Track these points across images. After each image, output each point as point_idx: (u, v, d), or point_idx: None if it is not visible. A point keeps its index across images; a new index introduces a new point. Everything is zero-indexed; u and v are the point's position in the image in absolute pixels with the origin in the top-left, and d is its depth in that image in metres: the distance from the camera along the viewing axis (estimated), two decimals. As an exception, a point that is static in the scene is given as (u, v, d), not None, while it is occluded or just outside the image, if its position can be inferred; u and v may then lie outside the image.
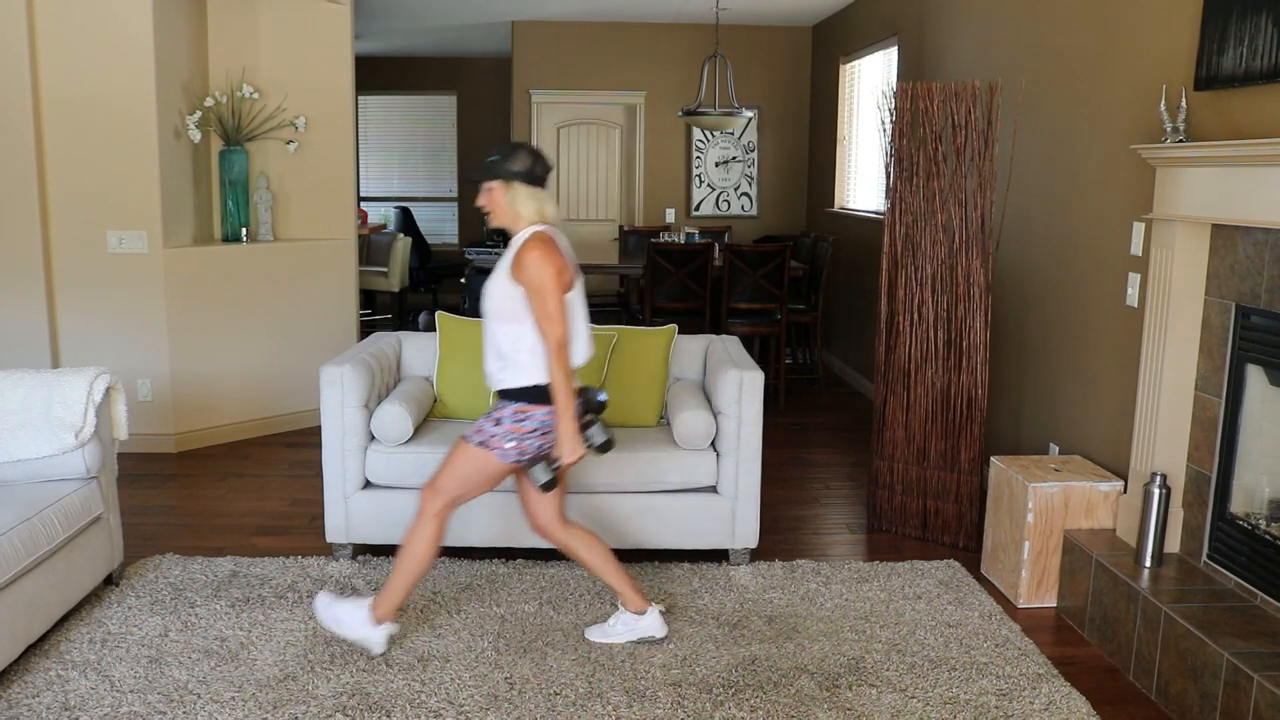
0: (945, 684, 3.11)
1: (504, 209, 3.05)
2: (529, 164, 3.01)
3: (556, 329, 2.94)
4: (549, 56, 8.83)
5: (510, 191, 3.02)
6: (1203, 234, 3.31)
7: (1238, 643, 2.83)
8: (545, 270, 2.92)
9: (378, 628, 3.18)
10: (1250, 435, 3.20)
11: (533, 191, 3.03)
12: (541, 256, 2.93)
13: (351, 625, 3.18)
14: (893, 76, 6.64)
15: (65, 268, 5.23)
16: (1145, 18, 3.67)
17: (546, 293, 2.92)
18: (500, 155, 3.02)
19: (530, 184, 3.02)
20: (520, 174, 3.00)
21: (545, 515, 3.27)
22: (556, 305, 2.94)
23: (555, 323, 2.94)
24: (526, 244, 2.97)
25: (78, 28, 5.06)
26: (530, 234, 3.00)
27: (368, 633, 3.18)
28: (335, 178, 6.11)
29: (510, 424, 3.04)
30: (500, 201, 3.04)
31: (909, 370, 4.36)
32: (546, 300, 2.93)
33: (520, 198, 3.02)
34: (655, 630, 3.32)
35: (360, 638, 3.18)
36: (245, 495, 4.82)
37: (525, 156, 3.02)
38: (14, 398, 3.42)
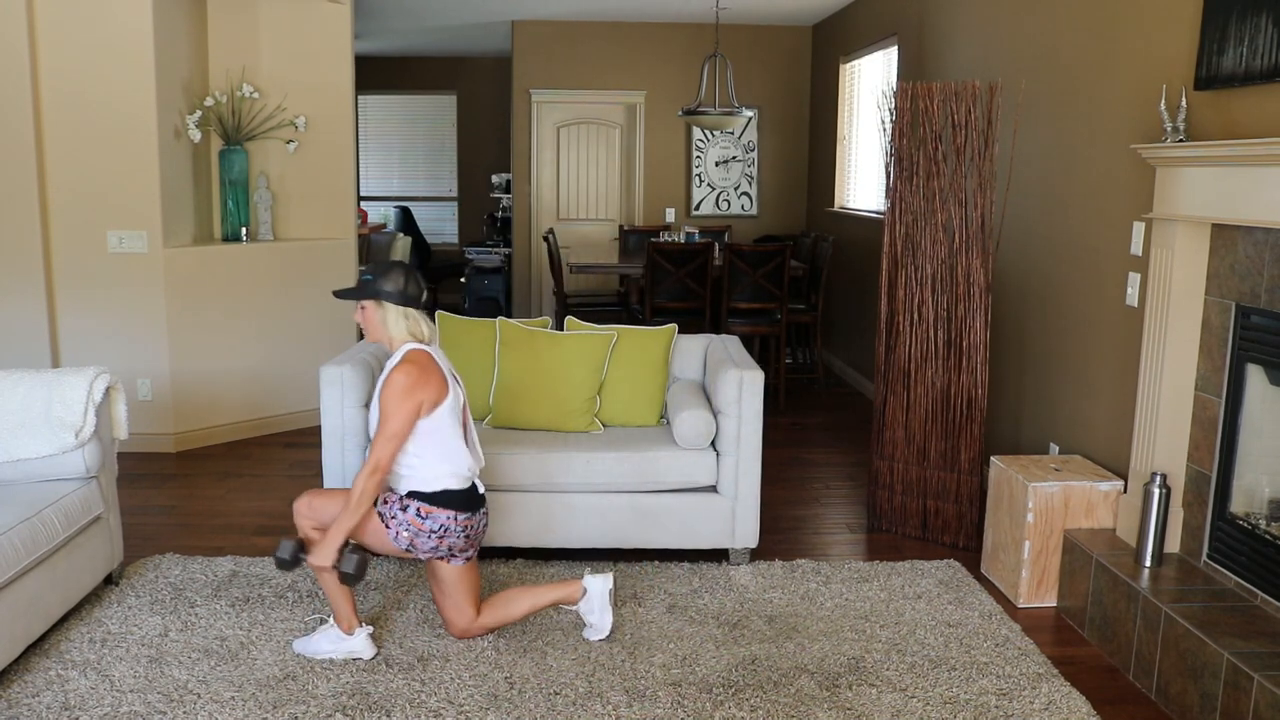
0: (945, 684, 3.11)
1: (377, 326, 3.13)
2: (401, 284, 3.08)
3: (382, 451, 3.01)
4: (549, 56, 8.83)
5: (381, 310, 3.10)
6: (1203, 234, 3.31)
7: (1238, 643, 2.83)
8: (400, 396, 2.99)
9: (352, 637, 3.20)
10: (1250, 435, 3.20)
11: (405, 311, 3.10)
12: (403, 381, 3.00)
13: (331, 648, 3.20)
14: (893, 76, 6.64)
15: (65, 268, 5.23)
16: (1145, 18, 3.67)
17: (390, 415, 3.00)
18: (374, 274, 3.09)
19: (402, 304, 3.08)
20: (392, 294, 3.07)
21: (462, 621, 3.28)
22: (395, 428, 3.00)
23: (385, 445, 3.00)
24: (397, 366, 3.04)
25: (78, 28, 5.06)
26: (402, 355, 3.07)
27: (349, 646, 3.20)
28: (335, 178, 6.11)
29: (413, 516, 3.09)
30: (373, 319, 3.12)
31: (909, 370, 4.36)
32: (389, 422, 3.00)
33: (391, 317, 3.10)
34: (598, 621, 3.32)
35: (346, 652, 3.20)
36: (245, 495, 4.82)
37: (399, 276, 3.08)
38: (14, 398, 3.42)
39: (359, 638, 3.20)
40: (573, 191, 9.15)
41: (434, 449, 3.09)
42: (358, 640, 3.20)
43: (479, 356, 4.22)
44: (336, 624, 3.20)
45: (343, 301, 6.03)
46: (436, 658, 3.21)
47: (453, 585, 3.24)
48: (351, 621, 3.19)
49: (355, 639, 3.20)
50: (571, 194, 9.16)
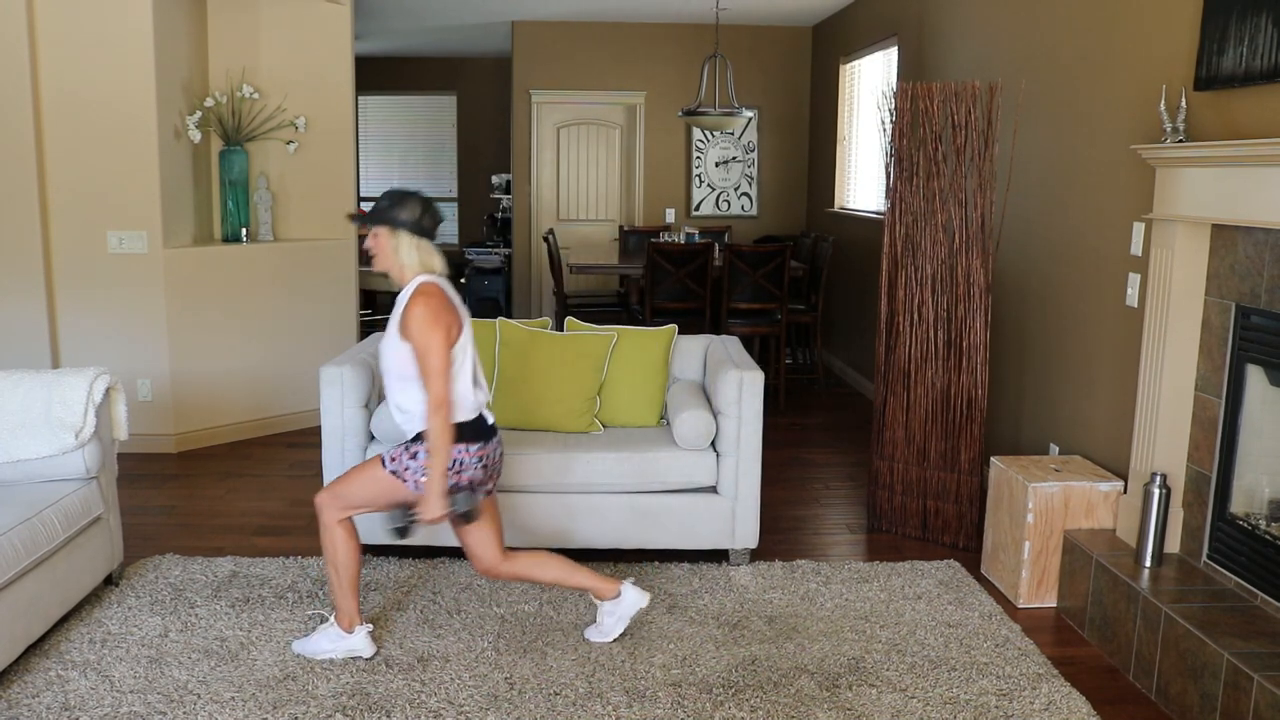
0: (945, 684, 3.11)
1: (389, 255, 3.05)
2: (417, 214, 3.02)
3: (438, 386, 2.93)
4: (549, 56, 8.83)
5: (395, 239, 3.03)
6: (1203, 234, 3.31)
7: (1238, 643, 2.83)
8: (429, 328, 2.92)
9: (352, 635, 3.19)
10: (1250, 435, 3.20)
11: (419, 242, 3.03)
12: (424, 314, 2.93)
13: (331, 646, 3.20)
14: (893, 77, 6.64)
15: (65, 268, 5.23)
16: (1145, 18, 3.67)
17: (430, 351, 2.92)
18: (389, 202, 3.03)
19: (416, 234, 3.02)
20: (407, 223, 3.01)
21: (488, 557, 3.24)
22: (439, 361, 2.93)
23: (437, 380, 2.93)
24: (411, 298, 2.98)
25: (78, 28, 5.06)
26: (415, 287, 3.01)
27: (349, 644, 3.20)
28: (335, 178, 6.11)
29: (424, 459, 3.03)
30: (385, 248, 3.04)
31: (909, 370, 4.36)
32: (429, 358, 2.93)
33: (404, 247, 3.02)
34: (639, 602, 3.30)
35: (346, 650, 3.20)
36: (245, 495, 4.82)
37: (415, 206, 3.02)
38: (14, 398, 3.42)
39: (359, 636, 3.20)
40: (573, 192, 9.15)
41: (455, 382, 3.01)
42: (358, 638, 3.20)
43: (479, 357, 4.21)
44: (337, 622, 3.20)
45: (342, 300, 6.10)
46: (436, 658, 3.21)
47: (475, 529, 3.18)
48: (353, 618, 3.19)
49: (355, 637, 3.19)
50: (571, 194, 9.16)
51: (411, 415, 3.06)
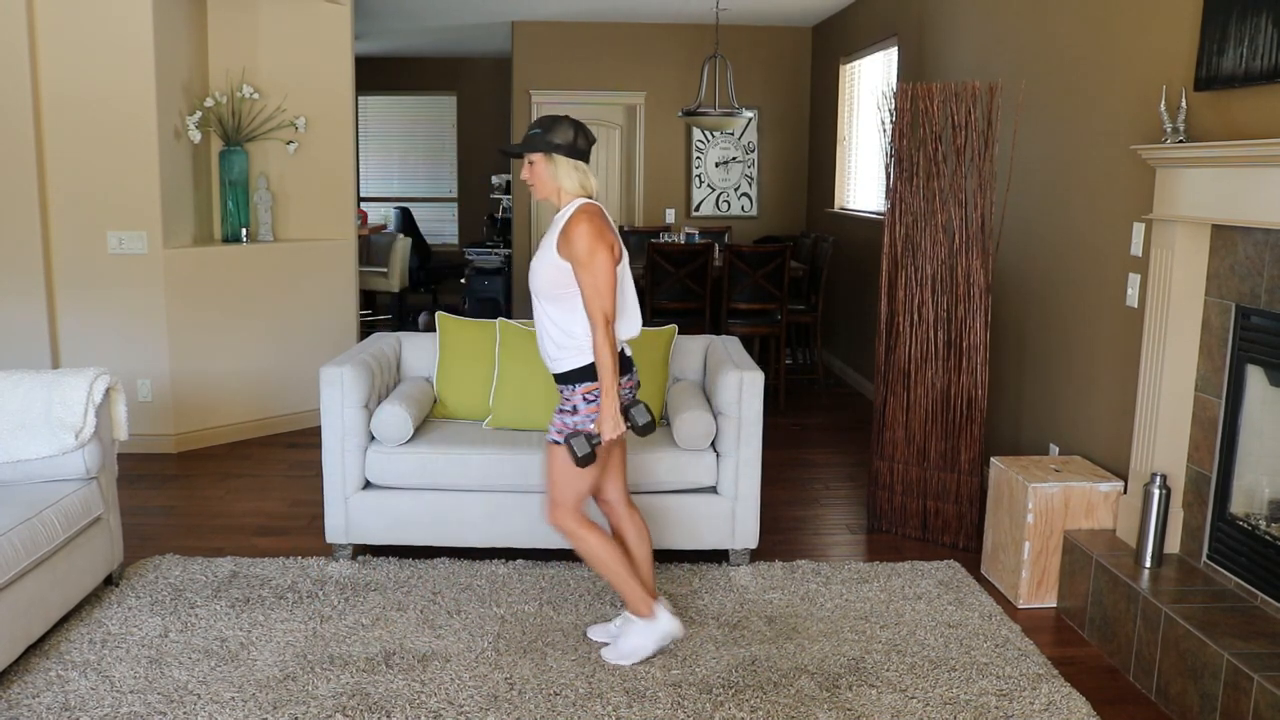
0: (945, 684, 3.11)
1: (547, 181, 3.01)
2: (571, 136, 2.97)
3: (605, 303, 2.88)
4: (549, 56, 8.83)
5: (552, 164, 2.98)
6: (1203, 234, 3.31)
7: (1238, 643, 2.83)
8: (595, 243, 2.87)
9: (652, 619, 3.15)
10: (1250, 435, 3.20)
11: (576, 164, 2.99)
12: (589, 230, 2.88)
13: (641, 641, 3.16)
14: (893, 77, 6.64)
15: (65, 268, 5.23)
16: (1145, 18, 3.67)
17: (596, 266, 2.87)
18: (542, 128, 2.98)
19: (573, 156, 2.98)
20: (563, 146, 2.96)
21: (612, 491, 3.22)
22: (605, 279, 2.89)
23: (604, 297, 2.88)
24: (573, 218, 2.93)
25: (78, 28, 5.06)
26: (576, 207, 2.97)
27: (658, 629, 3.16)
28: (335, 178, 6.11)
29: (586, 408, 3.00)
30: (543, 174, 3.00)
31: (909, 371, 4.36)
32: (596, 274, 2.88)
33: (563, 170, 2.98)
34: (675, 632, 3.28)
35: (659, 638, 3.16)
36: (245, 495, 4.82)
37: (568, 129, 2.98)
38: (14, 398, 3.42)
39: (663, 616, 3.15)
40: (573, 192, 9.13)
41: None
42: (663, 620, 3.14)
43: (479, 357, 4.22)
44: (636, 615, 3.14)
45: (342, 300, 6.10)
46: (437, 658, 3.21)
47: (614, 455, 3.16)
48: (647, 602, 3.13)
49: (661, 620, 3.14)
50: (571, 194, 9.13)
51: (567, 342, 2.99)
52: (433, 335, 4.40)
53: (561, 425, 3.05)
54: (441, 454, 3.88)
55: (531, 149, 2.99)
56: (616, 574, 3.13)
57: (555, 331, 3.02)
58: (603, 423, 2.96)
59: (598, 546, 3.13)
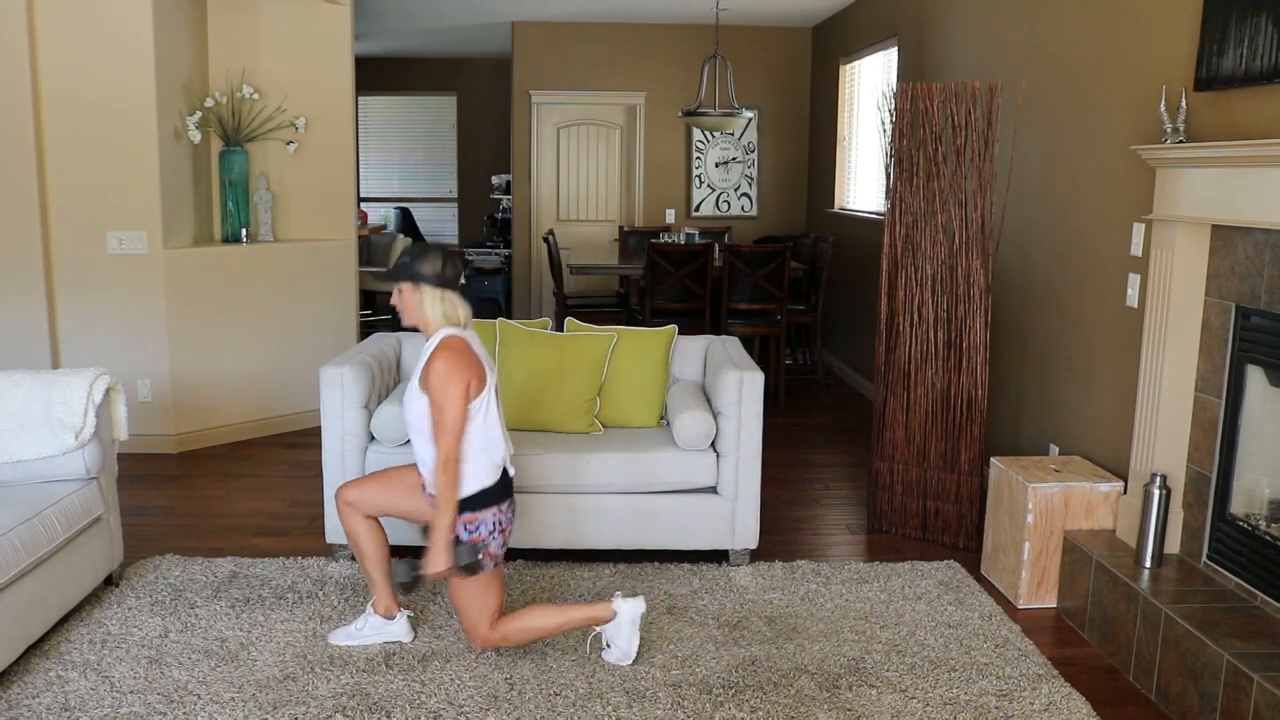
0: (945, 684, 3.11)
1: (413, 309, 3.08)
2: (438, 267, 3.04)
3: (449, 443, 2.96)
4: (549, 56, 8.83)
5: (418, 293, 3.05)
6: (1203, 235, 3.31)
7: (1238, 643, 2.83)
8: (448, 383, 2.94)
9: (392, 621, 3.28)
10: (1250, 436, 3.20)
11: (442, 294, 3.05)
12: (446, 368, 2.95)
13: (373, 634, 3.26)
14: (893, 77, 6.64)
15: (65, 268, 5.23)
16: (1145, 18, 3.67)
17: (446, 405, 2.95)
18: (410, 256, 3.06)
19: (440, 287, 3.04)
20: (430, 277, 3.03)
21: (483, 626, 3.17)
22: (455, 417, 2.95)
23: (449, 436, 2.95)
24: (434, 353, 3.01)
25: (78, 28, 5.06)
26: (438, 341, 3.04)
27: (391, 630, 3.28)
28: (335, 178, 6.11)
29: (467, 538, 3.06)
30: (410, 303, 3.07)
31: (909, 371, 4.36)
32: (445, 411, 2.95)
33: (428, 300, 3.05)
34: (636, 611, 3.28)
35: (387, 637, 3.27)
36: (245, 496, 4.82)
37: (435, 259, 3.04)
38: (14, 398, 3.42)
39: (400, 622, 3.26)
40: (573, 192, 9.15)
41: (473, 440, 3.03)
42: (398, 625, 3.26)
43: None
44: (375, 610, 3.25)
45: (342, 300, 6.10)
46: (437, 658, 3.21)
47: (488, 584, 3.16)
48: (390, 606, 3.24)
49: (396, 624, 3.26)
50: (571, 195, 9.16)
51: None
52: (433, 335, 4.39)
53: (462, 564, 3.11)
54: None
55: (398, 278, 3.07)
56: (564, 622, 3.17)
57: (426, 466, 3.10)
58: (430, 555, 2.99)
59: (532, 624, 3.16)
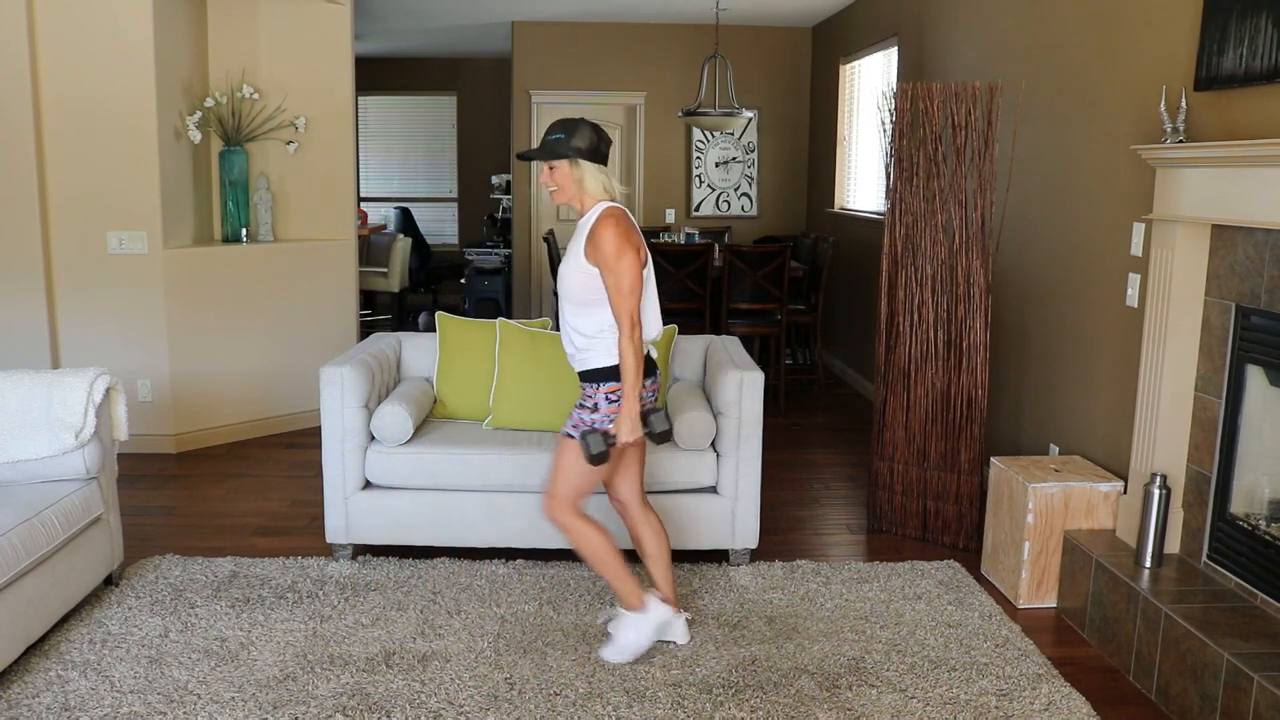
0: (945, 684, 3.11)
1: (569, 186, 3.01)
2: (593, 140, 2.98)
3: (631, 306, 2.90)
4: (549, 56, 8.83)
5: (577, 169, 2.99)
6: (1203, 234, 3.31)
7: (1238, 643, 2.83)
8: (622, 247, 2.89)
9: (644, 610, 3.16)
10: (1250, 436, 3.20)
11: (599, 168, 3.00)
12: (616, 234, 2.90)
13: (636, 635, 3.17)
14: (893, 77, 6.64)
15: (65, 268, 5.23)
16: (1145, 18, 3.67)
17: (623, 269, 2.89)
18: (564, 133, 2.98)
19: (595, 160, 2.99)
20: (585, 150, 2.97)
21: (627, 492, 3.23)
22: (632, 282, 2.90)
23: (630, 299, 2.90)
24: (600, 221, 2.94)
25: (78, 28, 5.06)
26: (602, 211, 2.98)
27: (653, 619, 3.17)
28: (335, 178, 6.11)
29: (607, 407, 3.01)
30: (566, 179, 3.00)
31: (909, 370, 4.36)
32: (622, 277, 2.89)
33: (588, 175, 2.99)
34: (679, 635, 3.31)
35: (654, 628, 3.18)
36: (245, 496, 4.82)
37: (589, 132, 2.98)
38: (14, 398, 3.42)
39: (655, 606, 3.16)
40: (573, 192, 9.14)
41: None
42: (655, 609, 3.16)
43: (479, 357, 4.22)
44: (627, 607, 3.16)
45: (342, 300, 6.10)
46: (437, 658, 3.21)
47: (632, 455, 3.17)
48: (640, 595, 3.15)
49: (652, 610, 3.16)
50: (571, 194, 9.14)
51: (591, 342, 3.02)
52: (433, 335, 4.40)
53: (579, 420, 3.07)
54: (441, 454, 3.88)
55: (554, 155, 2.99)
56: (611, 568, 3.15)
57: (578, 333, 3.04)
58: (620, 425, 2.98)
59: (594, 541, 3.14)
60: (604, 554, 3.15)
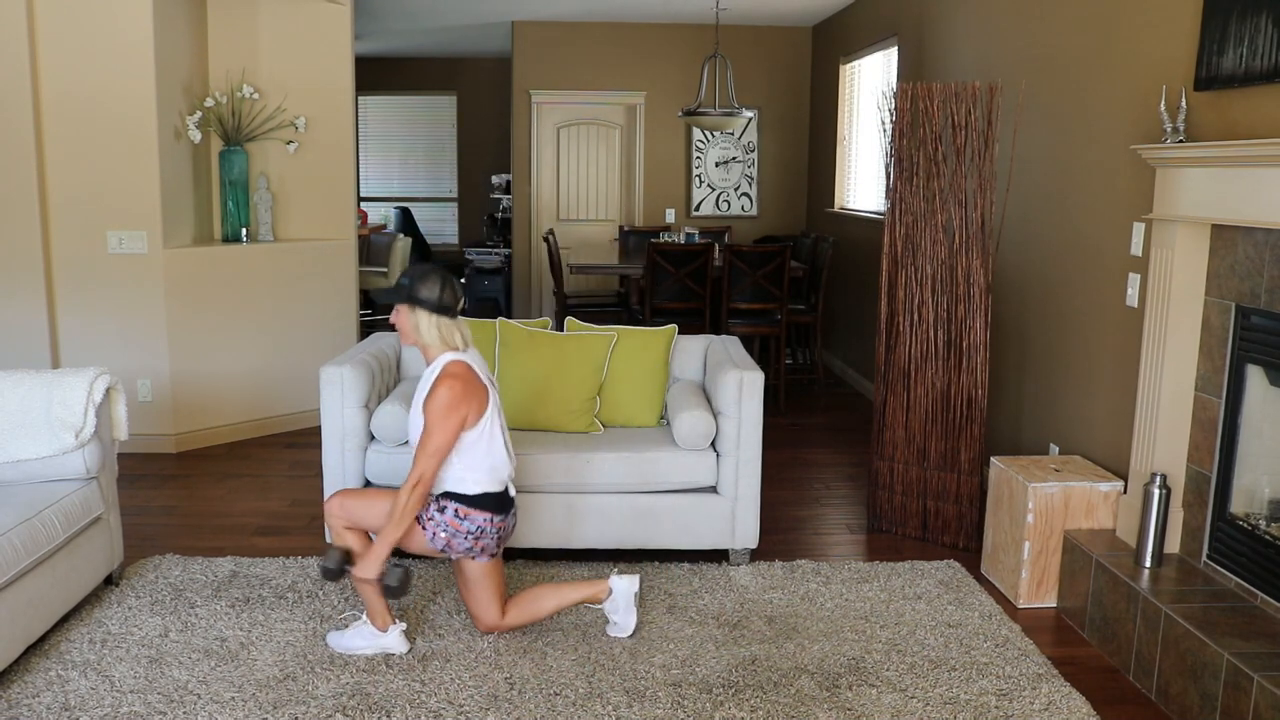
0: (945, 684, 3.11)
1: (409, 332, 3.12)
2: (436, 292, 3.06)
3: (426, 466, 3.04)
4: (549, 56, 8.83)
5: (414, 317, 3.08)
6: (1203, 234, 3.31)
7: (1238, 643, 2.83)
8: (446, 414, 3.01)
9: (385, 634, 3.23)
10: (1250, 435, 3.20)
11: (438, 320, 3.08)
12: (446, 400, 3.01)
13: (365, 643, 3.24)
14: (893, 77, 6.64)
15: (65, 268, 5.22)
16: (1145, 18, 3.67)
17: (436, 432, 3.02)
18: (410, 279, 3.08)
19: (436, 312, 3.07)
20: (426, 301, 3.06)
21: (489, 617, 3.32)
22: (440, 445, 3.02)
23: (429, 461, 3.03)
24: (437, 380, 3.06)
25: (78, 28, 5.06)
26: (440, 368, 3.08)
27: (382, 642, 3.24)
28: (335, 178, 6.11)
29: (450, 517, 3.14)
30: (406, 325, 3.11)
31: (909, 370, 4.36)
32: (433, 438, 3.03)
33: (424, 325, 3.08)
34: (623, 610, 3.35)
35: (379, 648, 3.24)
36: (245, 495, 4.82)
37: (433, 283, 3.07)
38: (14, 398, 3.42)
39: (392, 634, 3.24)
40: (573, 192, 9.15)
41: (479, 456, 3.13)
42: (391, 637, 3.23)
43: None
44: (370, 621, 3.23)
45: (342, 300, 6.10)
46: (437, 658, 3.21)
47: (479, 582, 3.27)
48: (385, 619, 3.23)
49: (389, 635, 3.23)
50: (571, 194, 9.16)
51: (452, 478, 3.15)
52: (433, 335, 4.39)
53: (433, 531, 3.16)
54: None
55: (396, 300, 3.11)
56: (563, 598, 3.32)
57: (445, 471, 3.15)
58: (366, 560, 3.10)
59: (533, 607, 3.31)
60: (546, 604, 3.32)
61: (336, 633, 3.30)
